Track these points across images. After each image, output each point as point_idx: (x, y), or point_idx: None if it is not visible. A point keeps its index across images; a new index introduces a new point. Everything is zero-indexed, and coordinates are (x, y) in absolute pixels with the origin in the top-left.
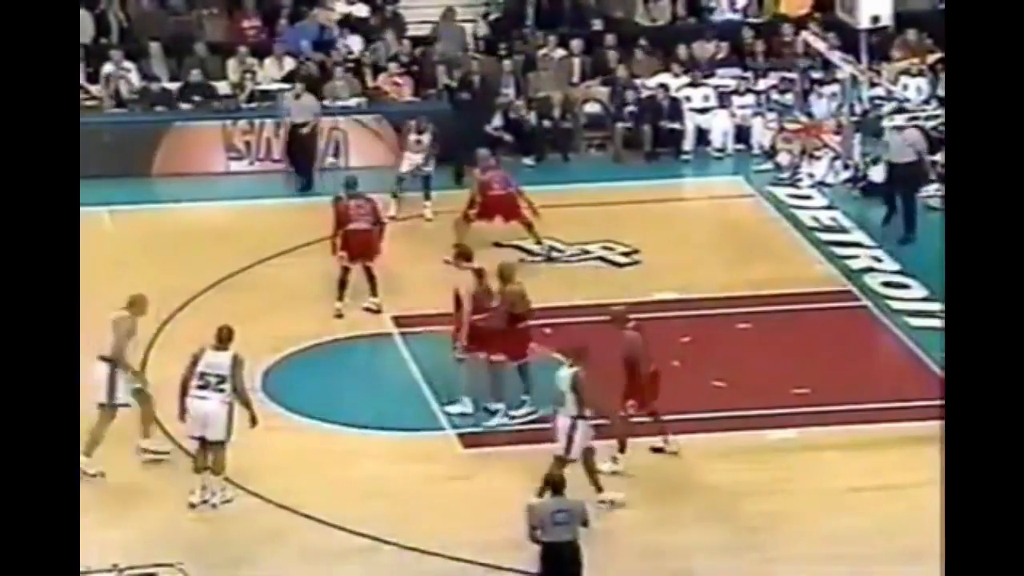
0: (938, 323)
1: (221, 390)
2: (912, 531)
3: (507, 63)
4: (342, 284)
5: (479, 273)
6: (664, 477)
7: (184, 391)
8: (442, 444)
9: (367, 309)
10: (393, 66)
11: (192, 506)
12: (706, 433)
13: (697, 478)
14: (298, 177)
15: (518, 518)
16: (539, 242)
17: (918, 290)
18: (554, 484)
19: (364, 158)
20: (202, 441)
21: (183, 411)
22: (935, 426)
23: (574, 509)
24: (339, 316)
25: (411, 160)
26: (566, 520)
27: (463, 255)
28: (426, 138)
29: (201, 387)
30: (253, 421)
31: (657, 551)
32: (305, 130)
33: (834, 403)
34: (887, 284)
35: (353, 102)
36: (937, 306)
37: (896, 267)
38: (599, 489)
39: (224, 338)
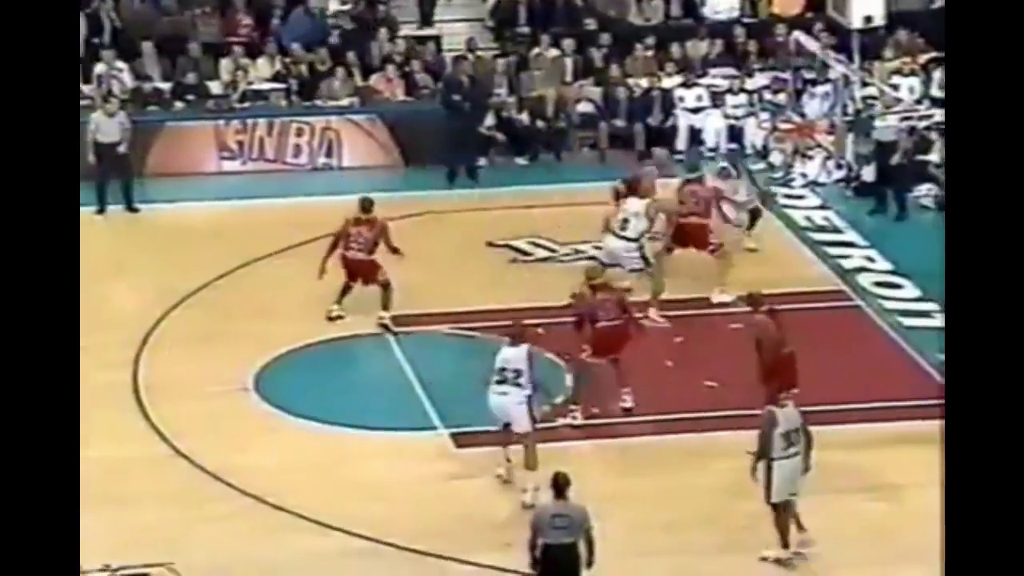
0: (931, 322)
1: (519, 384)
2: (904, 533)
3: (500, 62)
4: (343, 292)
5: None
6: (655, 477)
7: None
8: (436, 444)
9: (380, 325)
10: (391, 68)
11: (525, 506)
12: (698, 433)
13: (689, 479)
14: (98, 196)
15: (514, 518)
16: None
17: (911, 290)
18: (556, 485)
19: (356, 158)
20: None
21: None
22: (929, 426)
23: (574, 514)
24: (330, 319)
25: (611, 247)
26: (565, 525)
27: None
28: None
29: (500, 382)
30: None
31: (649, 551)
32: (122, 148)
33: (826, 403)
34: (880, 284)
35: (346, 101)
36: (930, 306)
37: (889, 267)
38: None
39: (517, 335)
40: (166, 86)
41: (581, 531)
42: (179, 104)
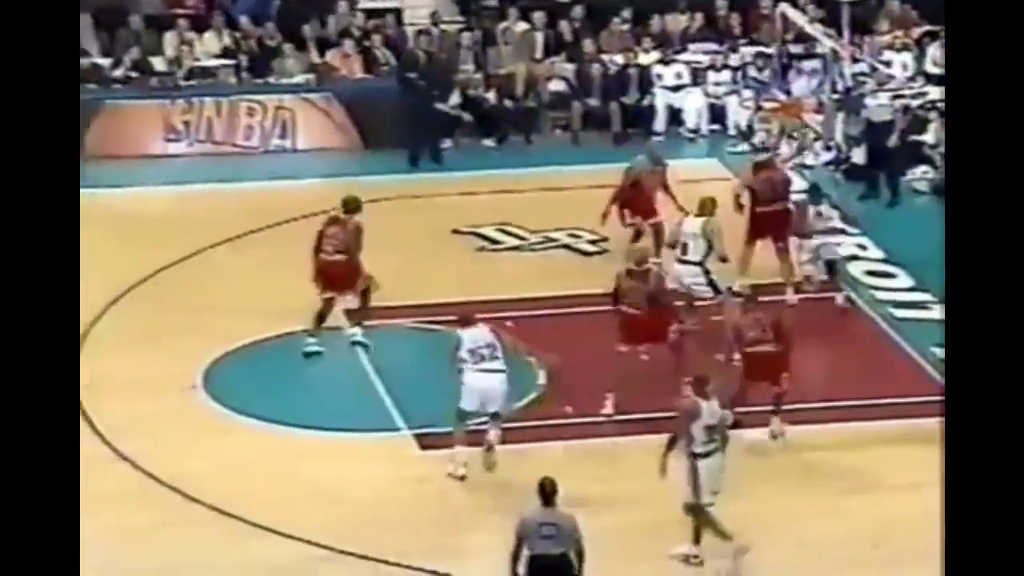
0: (925, 314)
1: (497, 358)
2: (897, 534)
3: (465, 37)
4: (319, 318)
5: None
6: (639, 478)
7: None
8: (399, 445)
9: (352, 343)
10: (349, 43)
11: (453, 477)
12: None
13: (674, 478)
14: None
15: (479, 523)
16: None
17: (904, 279)
18: (544, 492)
19: (312, 140)
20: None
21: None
22: (923, 424)
23: (562, 523)
24: (306, 355)
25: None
26: (552, 534)
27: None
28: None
29: (478, 361)
30: None
31: (634, 556)
32: None
33: (815, 400)
34: (871, 273)
35: (301, 79)
36: (924, 296)
37: (881, 255)
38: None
39: (467, 319)
40: (106, 62)
41: (570, 541)
42: (119, 80)
